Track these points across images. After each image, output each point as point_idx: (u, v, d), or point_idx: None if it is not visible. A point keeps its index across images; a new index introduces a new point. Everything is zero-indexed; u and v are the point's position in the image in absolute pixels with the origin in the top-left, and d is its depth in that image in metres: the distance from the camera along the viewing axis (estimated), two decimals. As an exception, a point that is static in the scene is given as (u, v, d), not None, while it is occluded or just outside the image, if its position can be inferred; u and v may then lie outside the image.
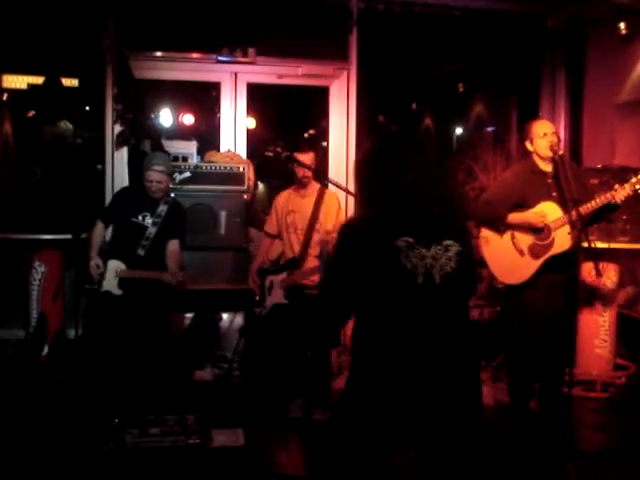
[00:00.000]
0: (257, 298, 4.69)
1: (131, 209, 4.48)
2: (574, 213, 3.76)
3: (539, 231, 3.93)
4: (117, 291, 4.39)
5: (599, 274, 3.92)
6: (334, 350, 5.01)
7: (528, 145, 4.05)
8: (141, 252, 4.42)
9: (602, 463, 3.91)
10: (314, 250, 4.55)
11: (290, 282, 4.57)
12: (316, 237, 4.55)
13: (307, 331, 2.26)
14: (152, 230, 4.44)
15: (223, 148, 5.98)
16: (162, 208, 4.49)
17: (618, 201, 3.78)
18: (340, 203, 4.74)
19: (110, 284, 4.39)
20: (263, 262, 4.81)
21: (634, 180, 3.78)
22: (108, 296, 4.38)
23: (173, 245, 4.49)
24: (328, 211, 4.62)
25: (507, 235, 4.06)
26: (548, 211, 3.90)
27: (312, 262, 4.55)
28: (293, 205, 4.70)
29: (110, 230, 4.64)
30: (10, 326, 5.66)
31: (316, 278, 4.44)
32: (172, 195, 4.86)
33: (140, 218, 4.46)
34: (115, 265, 4.40)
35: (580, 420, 4.51)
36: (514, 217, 3.98)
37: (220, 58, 5.87)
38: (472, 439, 2.18)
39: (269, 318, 4.63)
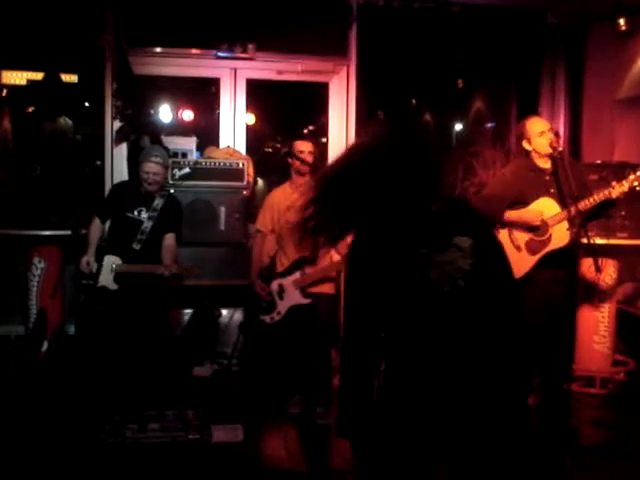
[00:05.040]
0: (264, 305, 4.54)
1: (127, 204, 4.49)
2: (572, 209, 3.76)
3: (535, 228, 3.94)
4: (113, 286, 4.40)
5: (598, 270, 3.91)
6: (334, 347, 4.99)
7: (525, 144, 4.01)
8: (137, 246, 4.43)
9: (601, 458, 3.92)
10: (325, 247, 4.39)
11: (308, 280, 4.46)
12: None
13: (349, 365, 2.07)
14: (148, 224, 4.46)
15: (223, 144, 5.97)
16: (158, 202, 4.50)
17: (614, 197, 3.80)
18: None
19: (106, 279, 4.40)
20: (261, 264, 4.65)
21: (632, 177, 3.80)
22: (104, 291, 4.39)
23: (169, 239, 4.50)
24: None
25: (504, 231, 4.06)
26: (546, 207, 3.90)
27: (326, 259, 4.44)
28: (291, 202, 4.44)
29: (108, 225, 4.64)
30: (9, 322, 5.65)
31: (333, 274, 4.43)
32: (171, 190, 4.87)
33: (136, 213, 4.47)
34: (111, 260, 4.41)
35: (579, 415, 4.51)
36: (511, 215, 3.99)
37: (219, 54, 5.85)
38: (507, 453, 2.08)
39: (286, 322, 4.52)
